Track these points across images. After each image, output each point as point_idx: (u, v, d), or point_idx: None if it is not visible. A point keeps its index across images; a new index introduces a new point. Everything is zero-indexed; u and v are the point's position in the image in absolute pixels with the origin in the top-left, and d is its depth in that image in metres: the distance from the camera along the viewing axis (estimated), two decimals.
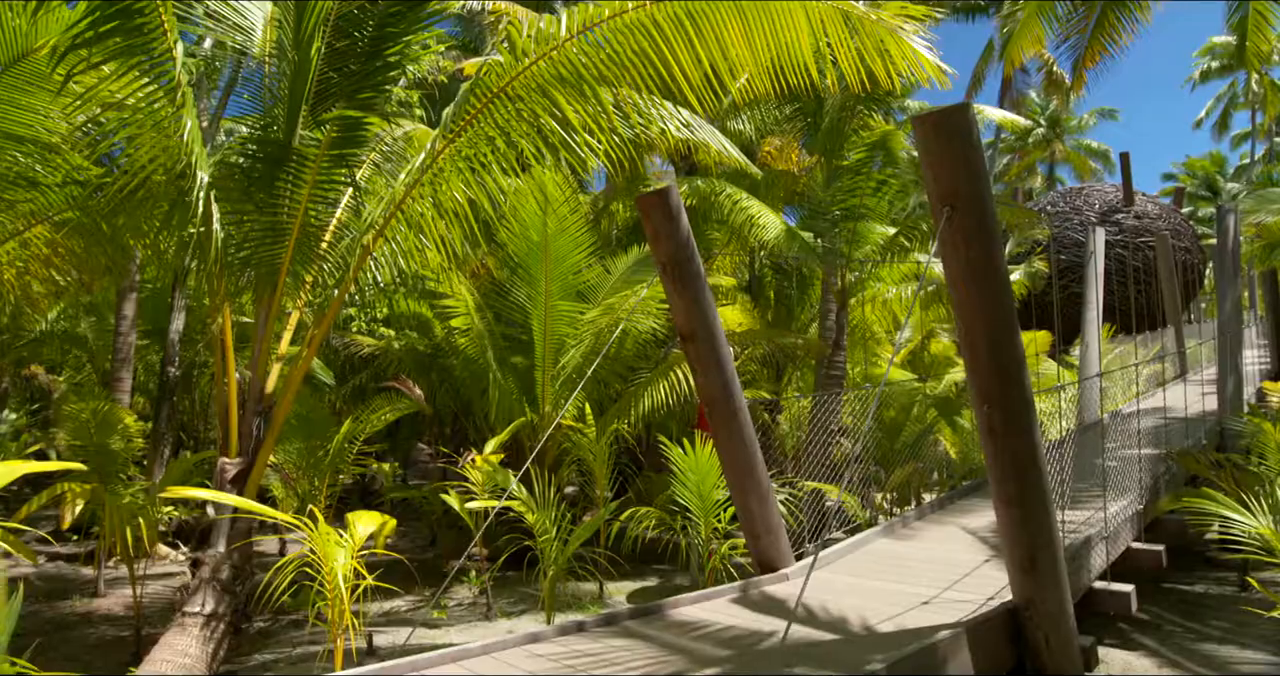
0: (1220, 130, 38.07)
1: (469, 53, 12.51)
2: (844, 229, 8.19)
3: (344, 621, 4.14)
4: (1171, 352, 15.09)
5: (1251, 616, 5.82)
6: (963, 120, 3.20)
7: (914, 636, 3.49)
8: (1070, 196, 20.00)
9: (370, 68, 5.22)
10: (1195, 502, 4.99)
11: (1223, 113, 37.39)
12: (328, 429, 7.55)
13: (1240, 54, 11.46)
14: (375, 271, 5.54)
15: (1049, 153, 34.34)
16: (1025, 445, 3.53)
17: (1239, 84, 34.62)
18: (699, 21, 4.44)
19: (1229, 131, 38.17)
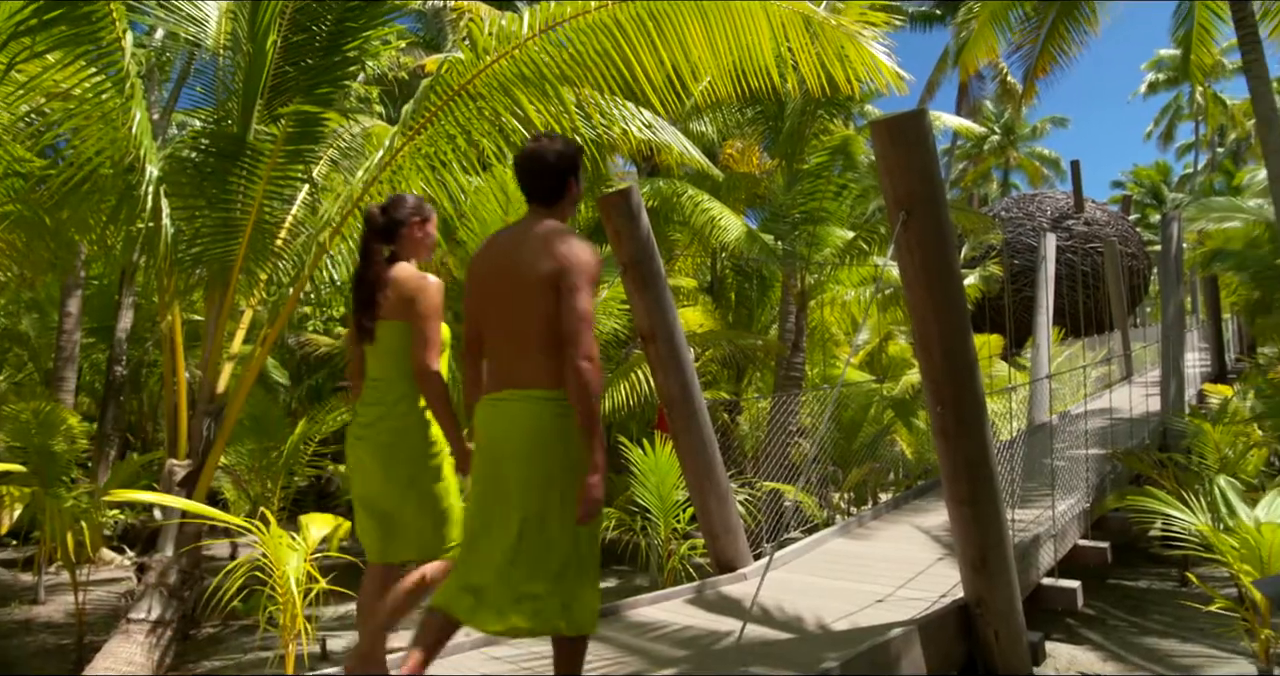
0: (1166, 141, 39.44)
1: (430, 50, 12.38)
2: (804, 232, 8.28)
3: (296, 626, 4.06)
4: (1118, 355, 15.56)
5: (1191, 610, 6.02)
6: (918, 126, 3.26)
7: (868, 634, 3.54)
8: (1023, 202, 20.50)
9: (328, 62, 5.14)
10: (1138, 501, 5.16)
11: (1168, 124, 38.72)
12: (282, 429, 7.40)
13: (1184, 67, 11.88)
14: (332, 269, 5.45)
15: (1004, 159, 35.17)
16: (977, 446, 3.60)
17: (1184, 96, 35.85)
18: (661, 22, 4.46)
19: (1174, 142, 39.57)
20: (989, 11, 10.62)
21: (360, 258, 2.64)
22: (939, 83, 24.05)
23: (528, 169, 2.38)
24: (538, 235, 2.30)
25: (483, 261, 2.40)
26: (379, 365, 2.61)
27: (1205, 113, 33.48)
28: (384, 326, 2.57)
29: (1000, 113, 32.10)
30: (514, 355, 2.29)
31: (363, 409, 2.61)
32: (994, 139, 33.45)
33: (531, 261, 2.25)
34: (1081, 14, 10.47)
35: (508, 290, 2.29)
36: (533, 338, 2.24)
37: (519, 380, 2.25)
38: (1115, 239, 17.53)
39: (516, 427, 2.24)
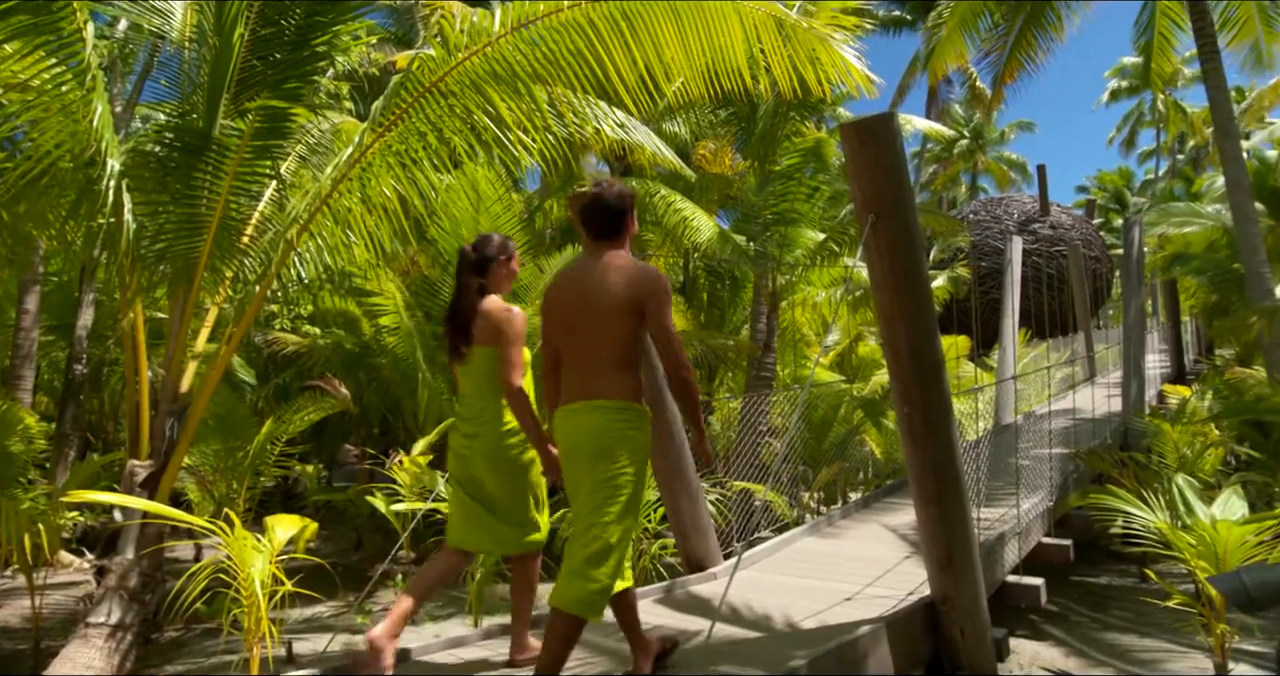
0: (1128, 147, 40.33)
1: (402, 46, 12.27)
2: (775, 233, 8.33)
3: (261, 629, 4.00)
4: (1082, 357, 15.86)
5: (1150, 606, 6.16)
6: (888, 129, 3.29)
7: (836, 632, 3.57)
8: (991, 206, 20.83)
9: (297, 57, 5.07)
10: (1100, 499, 5.26)
11: (1130, 130, 39.58)
12: (248, 429, 7.28)
13: (1146, 75, 12.15)
14: (299, 267, 5.37)
15: (972, 163, 35.71)
16: (943, 446, 3.65)
17: (1145, 104, 36.65)
18: (634, 22, 4.46)
19: (1136, 148, 40.49)
20: (958, 17, 10.77)
21: (456, 290, 3.01)
22: (909, 86, 24.34)
23: (593, 212, 2.75)
24: (610, 267, 2.65)
25: (559, 292, 2.78)
26: (471, 384, 3.01)
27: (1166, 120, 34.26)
28: (476, 351, 2.96)
29: (969, 117, 32.58)
30: (588, 372, 2.65)
31: (462, 424, 3.05)
32: (963, 143, 33.95)
33: (607, 291, 2.61)
34: (1048, 21, 10.66)
35: (583, 317, 2.65)
36: (606, 357, 2.63)
37: (591, 393, 2.63)
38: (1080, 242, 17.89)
39: (588, 433, 2.62)
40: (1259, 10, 10.19)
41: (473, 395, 3.00)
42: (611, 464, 2.58)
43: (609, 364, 2.63)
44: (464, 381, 3.04)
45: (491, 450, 2.96)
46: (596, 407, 2.62)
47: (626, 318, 2.59)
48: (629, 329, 2.61)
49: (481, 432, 2.97)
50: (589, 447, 2.61)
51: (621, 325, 2.60)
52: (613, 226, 2.75)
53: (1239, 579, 3.36)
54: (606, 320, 2.61)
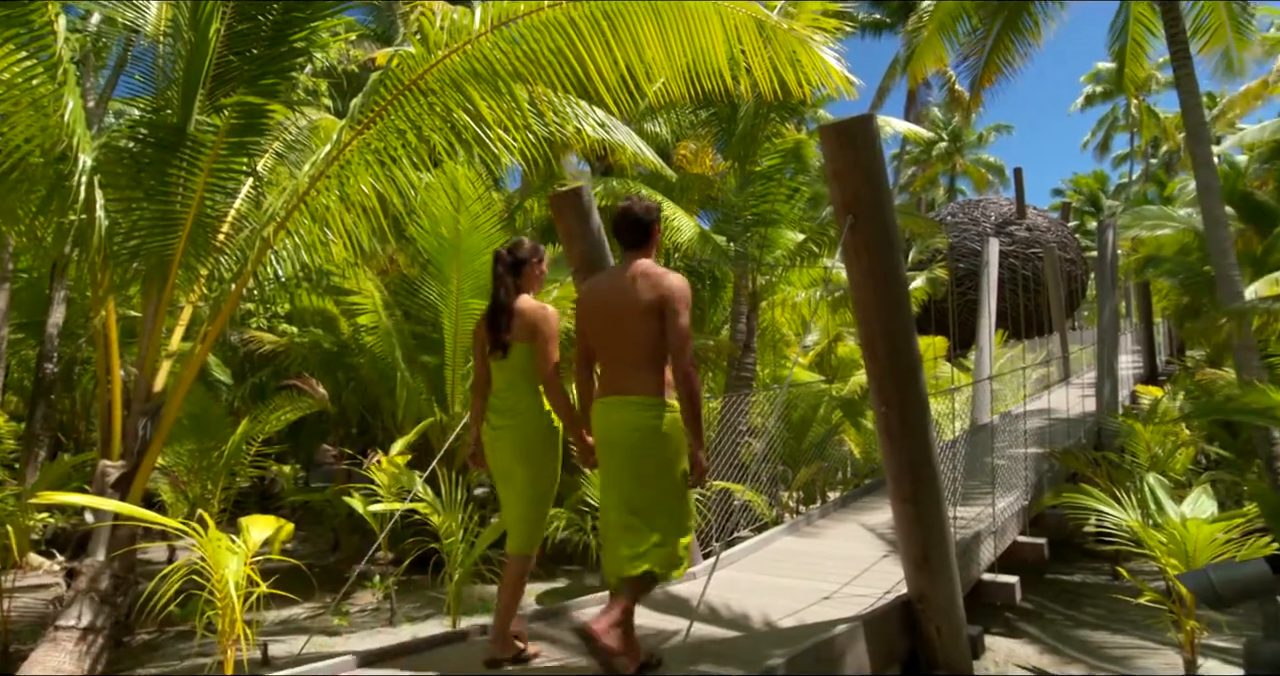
0: (1103, 151, 40.87)
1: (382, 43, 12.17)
2: (756, 233, 8.36)
3: (235, 631, 3.95)
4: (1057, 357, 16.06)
5: (1122, 603, 6.25)
6: (866, 131, 3.32)
7: (813, 631, 3.59)
8: (969, 208, 21.03)
9: (274, 53, 5.01)
10: (1074, 498, 5.33)
11: (1105, 134, 40.13)
12: (223, 429, 7.19)
13: (1120, 80, 12.32)
14: (276, 265, 5.31)
15: (951, 165, 36.02)
16: (920, 445, 3.69)
17: (1119, 108, 37.18)
18: (615, 22, 4.45)
19: (1110, 152, 41.03)
20: (937, 21, 10.86)
21: (494, 291, 3.20)
22: (889, 89, 24.52)
23: (624, 224, 3.05)
24: (638, 274, 2.93)
25: (593, 296, 3.06)
26: (506, 378, 3.18)
27: (1139, 125, 34.80)
28: (512, 347, 3.14)
29: (948, 120, 32.88)
30: (621, 370, 2.93)
31: (494, 416, 3.19)
32: (942, 145, 34.24)
33: (636, 295, 2.88)
34: (1025, 26, 10.77)
35: (614, 320, 2.93)
36: (636, 356, 2.90)
37: (625, 389, 2.91)
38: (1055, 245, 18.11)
39: (624, 425, 2.89)
40: (1230, 17, 10.36)
41: (507, 389, 3.16)
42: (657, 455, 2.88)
43: (638, 363, 2.89)
44: (498, 376, 3.20)
45: (525, 440, 3.13)
46: (629, 403, 2.89)
47: (652, 320, 2.85)
48: (655, 330, 2.85)
49: (515, 424, 3.13)
50: (624, 440, 2.90)
51: (648, 327, 2.86)
52: (641, 237, 3.04)
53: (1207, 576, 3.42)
54: (634, 322, 2.87)
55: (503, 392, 3.17)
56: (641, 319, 2.85)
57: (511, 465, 3.15)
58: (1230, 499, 7.96)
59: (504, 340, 3.13)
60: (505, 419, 3.14)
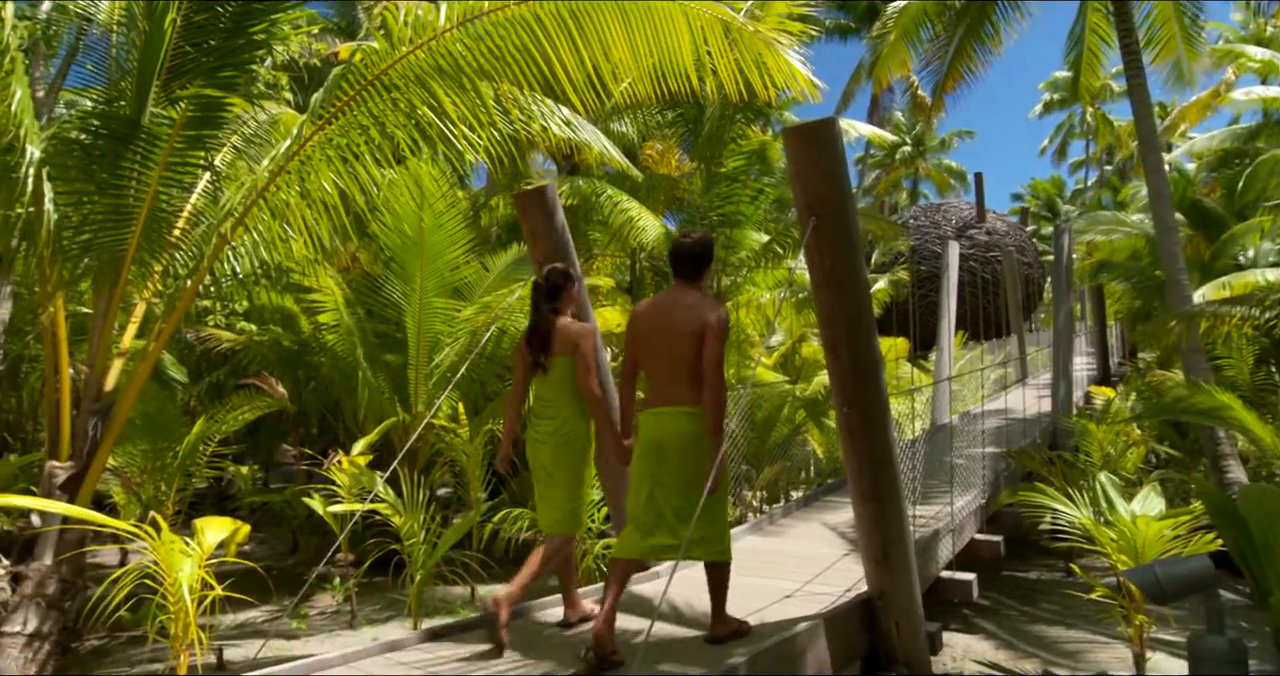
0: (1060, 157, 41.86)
1: (345, 36, 12.01)
2: (721, 234, 8.40)
3: (189, 635, 3.87)
4: (1014, 359, 16.39)
5: (1075, 599, 6.39)
6: (829, 133, 3.35)
7: (775, 629, 3.61)
8: (930, 212, 21.38)
9: (233, 45, 4.90)
10: (1029, 497, 5.44)
11: (1062, 141, 41.10)
12: (178, 429, 7.03)
13: (1075, 89, 12.62)
14: (234, 262, 5.21)
15: (913, 169, 36.57)
16: (881, 444, 3.73)
17: (1076, 116, 38.07)
18: (582, 21, 4.44)
19: (1067, 158, 42.03)
20: (901, 27, 11.01)
21: (533, 311, 3.62)
22: (854, 93, 24.81)
23: (680, 257, 3.47)
24: (688, 303, 3.35)
25: (646, 317, 3.45)
26: (549, 389, 3.60)
27: (1095, 132, 35.66)
28: (554, 361, 3.56)
29: (911, 124, 33.37)
30: (670, 384, 3.32)
31: (538, 421, 3.59)
32: (905, 149, 34.74)
33: (685, 320, 3.29)
34: (986, 33, 10.98)
35: (663, 340, 3.34)
36: (681, 373, 3.28)
37: (674, 400, 3.31)
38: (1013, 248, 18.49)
39: (675, 431, 3.30)
40: (1181, 30, 10.67)
41: (550, 398, 3.59)
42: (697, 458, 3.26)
43: (683, 378, 3.28)
44: (540, 386, 3.65)
45: (565, 443, 3.54)
46: (679, 412, 3.30)
47: (695, 343, 3.25)
48: (697, 352, 3.26)
49: (556, 429, 3.55)
50: (674, 444, 3.30)
51: (691, 348, 3.26)
52: (696, 269, 3.47)
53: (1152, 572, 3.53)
54: (680, 344, 3.28)
55: (544, 402, 3.61)
56: (688, 342, 3.26)
57: (553, 465, 3.55)
58: (1179, 497, 8.19)
59: (542, 359, 3.57)
60: (548, 424, 3.56)
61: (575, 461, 3.57)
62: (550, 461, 3.56)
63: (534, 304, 3.63)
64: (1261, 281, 10.11)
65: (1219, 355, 9.45)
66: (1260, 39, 19.08)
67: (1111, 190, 30.99)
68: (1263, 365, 9.75)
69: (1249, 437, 7.07)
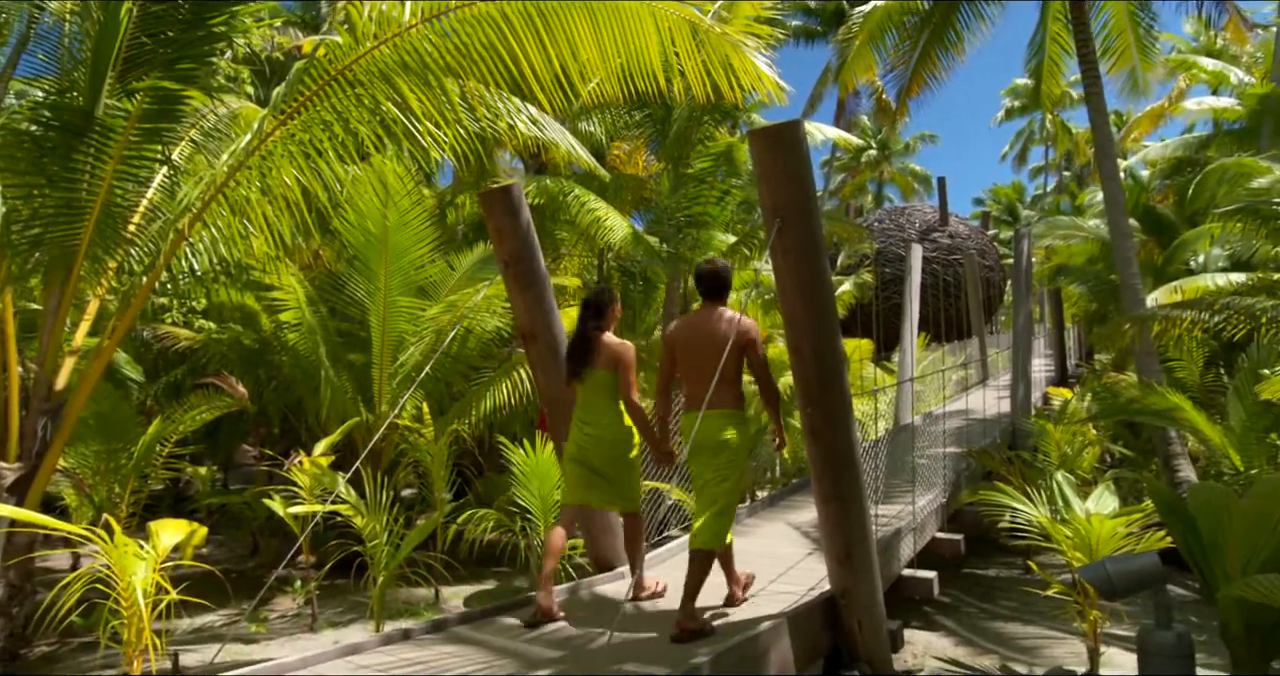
0: (1020, 162, 42.69)
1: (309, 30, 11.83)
2: (688, 235, 8.43)
3: (143, 641, 3.78)
4: (975, 360, 16.67)
5: (1032, 595, 6.53)
6: (794, 135, 3.38)
7: (739, 628, 3.63)
8: (895, 215, 21.66)
9: (191, 37, 4.81)
10: (989, 496, 5.54)
11: (1023, 147, 41.92)
12: (133, 429, 6.86)
13: (1036, 96, 12.88)
14: (192, 258, 5.10)
15: (878, 173, 37.04)
16: (844, 444, 3.77)
17: (1036, 122, 38.85)
18: (550, 20, 4.42)
19: (1028, 164, 42.86)
20: (866, 32, 11.14)
21: (579, 328, 4.02)
22: (821, 97, 25.01)
23: (708, 279, 3.95)
24: (720, 318, 3.82)
25: (684, 332, 3.92)
26: (590, 397, 4.02)
27: (1054, 139, 36.44)
28: (596, 373, 3.97)
29: (877, 129, 33.79)
30: (706, 389, 3.64)
31: (583, 425, 4.03)
32: (870, 153, 35.17)
33: (719, 334, 3.74)
34: (949, 40, 11.16)
35: (702, 351, 3.76)
36: (721, 379, 3.64)
37: (712, 403, 3.69)
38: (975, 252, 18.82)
39: (715, 430, 3.75)
40: (1136, 40, 10.95)
41: (592, 405, 4.02)
42: (729, 454, 3.71)
43: (722, 384, 3.65)
44: (583, 394, 4.06)
45: (610, 446, 3.97)
46: (718, 414, 3.73)
47: (731, 351, 3.67)
48: (733, 360, 3.72)
49: (599, 432, 3.98)
50: (712, 442, 3.74)
51: (730, 358, 3.68)
52: (721, 290, 3.95)
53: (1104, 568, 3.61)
54: (718, 354, 3.66)
55: (586, 408, 4.04)
56: (722, 353, 3.66)
57: (602, 463, 3.99)
58: (1132, 495, 8.40)
59: (580, 370, 3.97)
60: (591, 428, 4.00)
61: (621, 458, 4.02)
62: (599, 460, 4.00)
63: (581, 320, 4.03)
64: (1211, 286, 10.39)
65: (1171, 357, 9.71)
66: (1211, 50, 19.66)
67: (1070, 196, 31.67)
68: (1212, 367, 10.03)
69: (1198, 438, 7.28)
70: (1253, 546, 3.83)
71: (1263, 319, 6.11)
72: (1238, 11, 11.05)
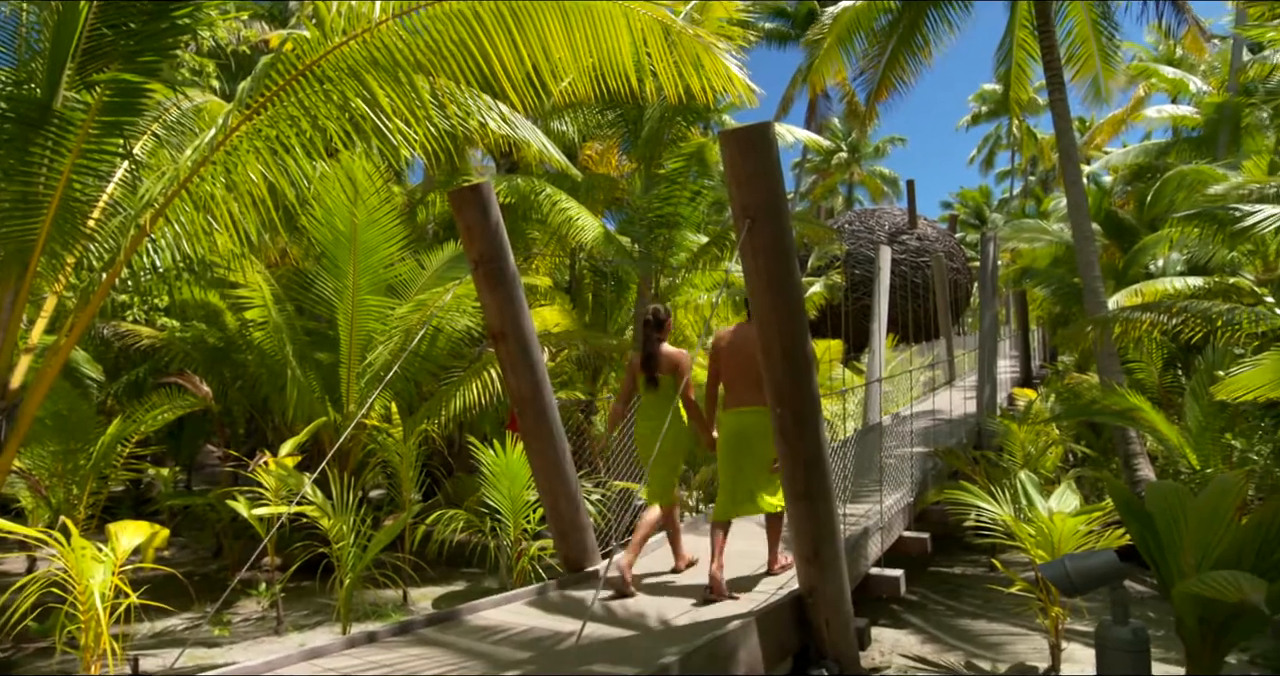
0: (987, 167, 43.39)
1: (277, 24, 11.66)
2: (660, 235, 8.44)
3: (100, 646, 3.70)
4: (943, 361, 16.90)
5: (996, 593, 6.64)
6: (764, 137, 3.40)
7: (708, 628, 3.65)
8: (864, 217, 21.89)
9: (154, 28, 4.69)
10: (955, 495, 5.62)
11: (990, 151, 42.61)
12: (92, 429, 6.71)
13: (1004, 101, 13.09)
14: (154, 255, 4.99)
15: (849, 175, 37.39)
16: (812, 444, 3.80)
17: (1003, 127, 39.49)
18: (521, 19, 4.40)
19: (994, 168, 43.58)
20: (835, 34, 11.25)
21: (645, 341, 4.77)
22: (793, 99, 25.21)
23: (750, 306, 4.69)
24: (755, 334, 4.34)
25: (728, 344, 4.58)
26: (653, 399, 4.75)
27: (1020, 144, 37.06)
28: (661, 378, 4.69)
29: (847, 131, 34.11)
30: (748, 390, 4.38)
31: (646, 421, 4.77)
32: (841, 155, 35.50)
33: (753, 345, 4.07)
34: (917, 45, 11.31)
35: (746, 359, 4.36)
36: (754, 382, 4.18)
37: (751, 402, 4.39)
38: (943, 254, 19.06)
39: (754, 426, 4.38)
40: (1099, 49, 11.19)
41: (654, 405, 4.73)
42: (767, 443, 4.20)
43: (756, 386, 4.15)
44: (646, 397, 4.79)
45: (669, 439, 4.51)
46: (755, 411, 4.32)
47: None
48: None
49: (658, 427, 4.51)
50: (755, 434, 4.40)
51: None
52: None
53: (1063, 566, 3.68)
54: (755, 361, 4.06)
55: (650, 408, 4.75)
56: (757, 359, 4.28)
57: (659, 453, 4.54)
58: (1093, 494, 8.57)
59: (655, 377, 4.68)
60: (653, 424, 4.65)
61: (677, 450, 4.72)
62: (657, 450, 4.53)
63: (646, 335, 4.76)
64: (1170, 289, 10.65)
65: (1131, 359, 9.93)
66: (1171, 59, 20.14)
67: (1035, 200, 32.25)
68: (1170, 368, 10.28)
69: (1157, 437, 7.44)
70: (1206, 543, 3.92)
71: (1218, 322, 6.27)
72: (1196, 22, 11.33)
